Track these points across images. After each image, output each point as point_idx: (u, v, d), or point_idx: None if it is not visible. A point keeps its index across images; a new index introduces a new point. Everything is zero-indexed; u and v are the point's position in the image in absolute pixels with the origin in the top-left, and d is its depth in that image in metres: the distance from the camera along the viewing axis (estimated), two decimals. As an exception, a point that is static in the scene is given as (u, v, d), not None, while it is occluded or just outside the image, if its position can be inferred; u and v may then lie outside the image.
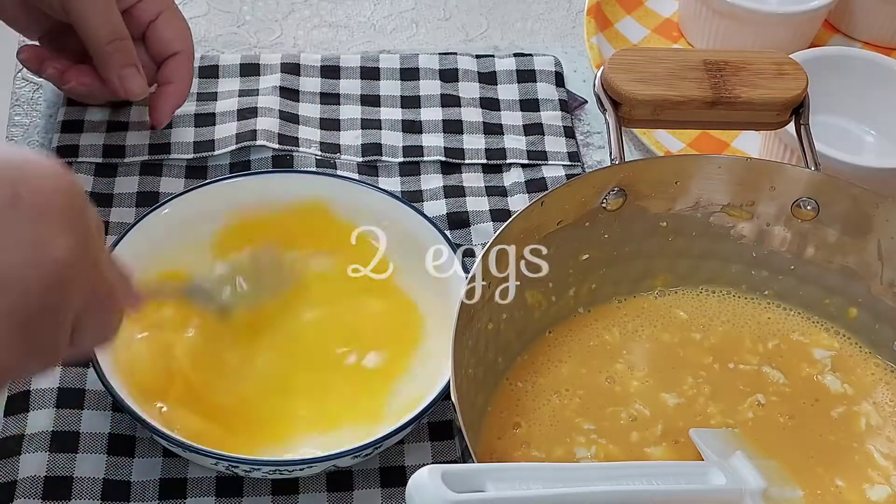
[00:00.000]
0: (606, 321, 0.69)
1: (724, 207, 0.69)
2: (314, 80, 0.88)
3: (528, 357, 0.67)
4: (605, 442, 0.63)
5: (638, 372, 0.67)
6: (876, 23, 0.95)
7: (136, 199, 0.79)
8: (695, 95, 0.67)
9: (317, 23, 0.94)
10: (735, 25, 0.89)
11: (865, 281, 0.68)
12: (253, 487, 0.66)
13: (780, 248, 0.70)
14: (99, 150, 0.81)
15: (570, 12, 0.97)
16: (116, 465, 0.66)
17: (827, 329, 0.70)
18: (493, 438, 0.63)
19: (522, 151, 0.84)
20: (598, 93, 0.68)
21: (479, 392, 0.63)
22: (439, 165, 0.83)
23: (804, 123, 0.68)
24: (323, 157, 0.83)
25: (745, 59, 0.69)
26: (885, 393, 0.67)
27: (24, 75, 0.86)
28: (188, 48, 0.81)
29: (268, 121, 0.83)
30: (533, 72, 0.89)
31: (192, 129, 0.83)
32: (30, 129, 0.84)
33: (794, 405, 0.66)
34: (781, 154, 0.79)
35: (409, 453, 0.68)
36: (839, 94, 0.84)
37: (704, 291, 0.71)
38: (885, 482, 0.63)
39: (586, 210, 0.66)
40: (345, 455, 0.63)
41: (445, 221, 0.79)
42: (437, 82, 0.88)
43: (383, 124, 0.85)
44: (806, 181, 0.67)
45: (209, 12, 0.94)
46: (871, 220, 0.66)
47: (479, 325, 0.62)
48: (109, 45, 0.76)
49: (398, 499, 0.66)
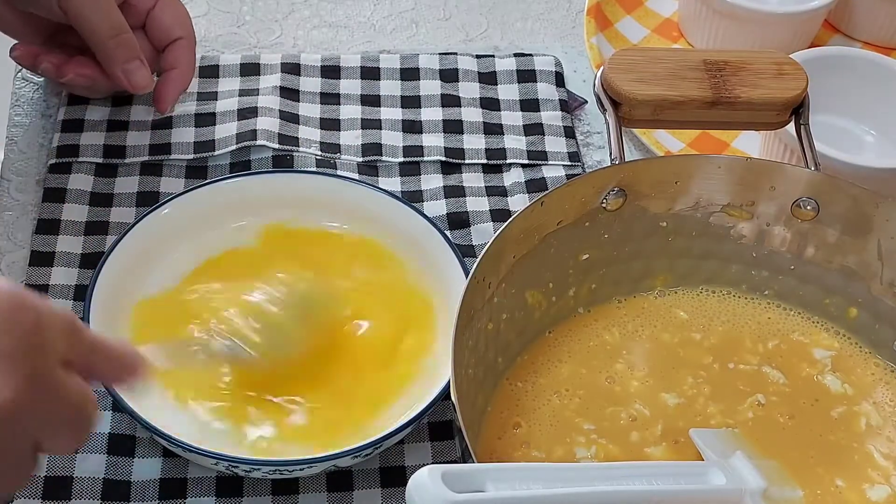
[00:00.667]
0: (606, 321, 0.69)
1: (724, 207, 0.69)
2: (314, 80, 0.88)
3: (528, 357, 0.67)
4: (605, 442, 0.63)
5: (638, 372, 0.67)
6: (876, 23, 0.95)
7: (136, 199, 0.79)
8: (695, 95, 0.67)
9: (317, 23, 0.94)
10: (735, 25, 0.89)
11: (865, 281, 0.68)
12: (253, 487, 0.66)
13: (780, 248, 0.70)
14: (99, 150, 0.81)
15: (570, 12, 0.97)
16: (116, 465, 0.66)
17: (827, 329, 0.70)
18: (493, 438, 0.63)
19: (522, 151, 0.84)
20: (598, 93, 0.68)
21: (479, 392, 0.63)
22: (439, 165, 0.83)
23: (804, 123, 0.68)
24: (323, 157, 0.83)
25: (745, 59, 0.68)
26: (885, 393, 0.67)
27: (24, 75, 0.86)
28: (189, 33, 0.82)
29: (268, 121, 0.83)
30: (533, 72, 0.89)
31: (192, 130, 0.83)
32: (30, 129, 0.84)
33: (794, 405, 0.66)
34: (781, 154, 0.79)
35: (409, 453, 0.68)
36: (839, 94, 0.84)
37: (704, 291, 0.71)
38: (885, 482, 0.63)
39: (586, 210, 0.66)
40: (345, 455, 0.63)
41: (445, 221, 0.79)
42: (437, 82, 0.88)
43: (383, 124, 0.85)
44: (806, 181, 0.67)
45: (209, 12, 0.94)
46: (871, 220, 0.66)
47: (479, 325, 0.62)
48: (112, 41, 0.76)
49: (398, 499, 0.66)
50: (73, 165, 0.80)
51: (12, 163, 0.81)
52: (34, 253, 0.75)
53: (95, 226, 0.77)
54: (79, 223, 0.77)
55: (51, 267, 0.74)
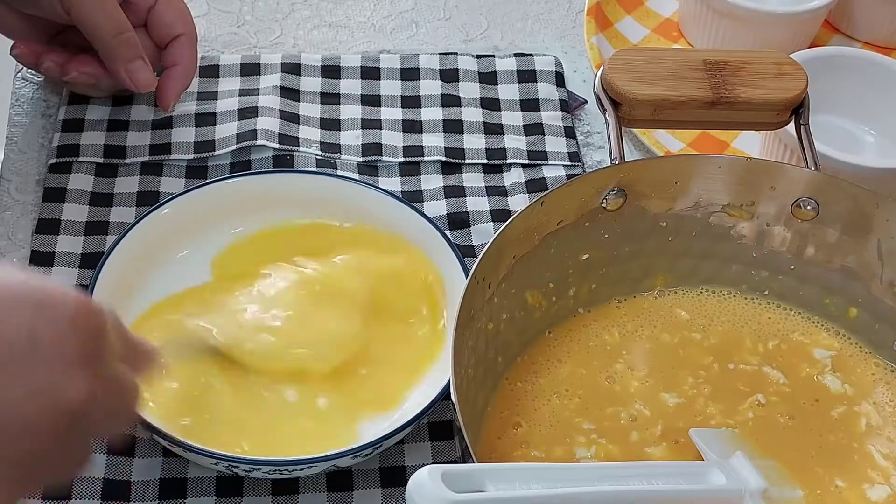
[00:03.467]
0: (606, 321, 0.69)
1: (724, 207, 0.69)
2: (314, 80, 0.88)
3: (527, 357, 0.67)
4: (605, 442, 0.63)
5: (638, 372, 0.67)
6: (876, 23, 0.95)
7: (136, 198, 0.79)
8: (695, 95, 0.67)
9: (317, 23, 0.94)
10: (735, 25, 0.89)
11: (865, 281, 0.68)
12: (253, 487, 0.66)
13: (780, 248, 0.70)
14: (100, 150, 0.81)
15: (570, 12, 0.97)
16: (116, 465, 0.66)
17: (827, 329, 0.70)
18: (493, 438, 0.63)
19: (523, 151, 0.84)
20: (598, 93, 0.68)
21: (479, 392, 0.63)
22: (439, 165, 0.83)
23: (804, 123, 0.68)
24: (323, 156, 0.83)
25: (745, 59, 0.68)
26: (886, 393, 0.67)
27: (24, 75, 0.86)
28: (190, 30, 0.82)
29: (268, 120, 0.83)
30: (533, 72, 0.89)
31: (192, 129, 0.83)
32: (30, 129, 0.84)
33: (794, 405, 0.66)
34: (781, 154, 0.79)
35: (409, 453, 0.68)
36: (839, 94, 0.84)
37: (704, 291, 0.71)
38: (885, 482, 0.63)
39: (586, 210, 0.66)
40: (345, 455, 0.63)
41: (446, 221, 0.79)
42: (437, 82, 0.88)
43: (384, 124, 0.85)
44: (806, 181, 0.67)
45: (209, 12, 0.94)
46: (871, 220, 0.66)
47: (479, 325, 0.62)
48: (115, 40, 0.77)
49: (398, 499, 0.66)
50: (74, 165, 0.80)
51: (12, 163, 0.81)
52: (34, 253, 0.75)
53: (95, 226, 0.77)
54: (79, 223, 0.77)
55: (51, 267, 0.74)
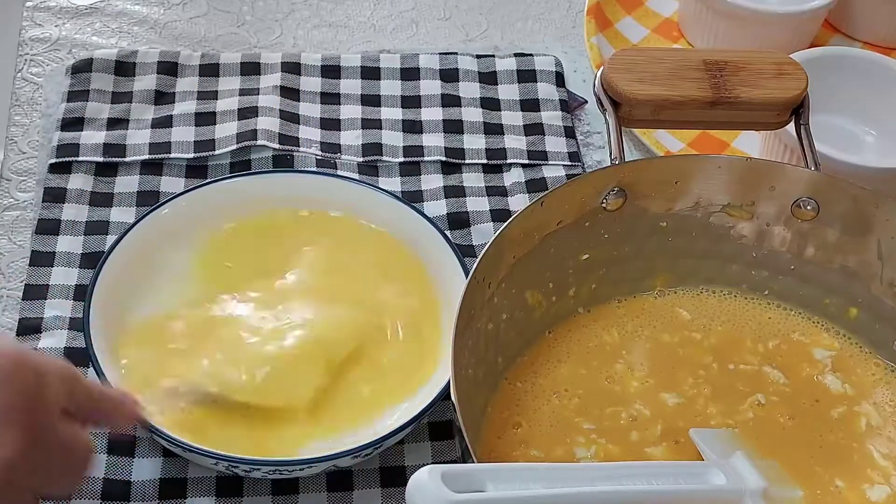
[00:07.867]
0: (606, 321, 0.69)
1: (724, 207, 0.69)
2: (315, 80, 0.88)
3: (527, 357, 0.67)
4: (605, 442, 0.63)
5: (638, 372, 0.67)
6: (876, 23, 0.95)
7: (136, 198, 0.79)
8: (695, 95, 0.67)
9: (317, 23, 0.94)
10: (735, 25, 0.89)
11: (865, 281, 0.68)
12: (253, 487, 0.66)
13: (780, 248, 0.70)
14: (99, 150, 0.81)
15: (570, 12, 0.97)
16: (116, 465, 0.66)
17: (827, 329, 0.70)
18: (493, 438, 0.63)
19: (523, 151, 0.84)
20: (598, 93, 0.68)
21: (479, 392, 0.63)
22: (440, 165, 0.83)
23: (804, 123, 0.68)
24: (323, 156, 0.83)
25: (745, 59, 0.68)
26: (886, 393, 0.67)
27: (24, 75, 0.86)
28: None
29: (268, 120, 0.83)
30: (533, 72, 0.89)
31: (192, 129, 0.83)
32: (30, 128, 0.84)
33: (794, 405, 0.66)
34: (781, 154, 0.79)
35: (409, 453, 0.68)
36: (839, 94, 0.84)
37: (704, 291, 0.71)
38: (885, 482, 0.63)
39: (586, 210, 0.66)
40: (345, 455, 0.63)
41: (446, 221, 0.79)
42: (437, 82, 0.88)
43: (384, 124, 0.85)
44: (806, 181, 0.67)
45: (209, 12, 0.94)
46: (871, 220, 0.66)
47: (479, 325, 0.62)
48: None
49: (398, 499, 0.66)
50: (73, 165, 0.80)
51: (12, 163, 0.81)
52: (34, 253, 0.75)
53: (95, 226, 0.77)
54: (79, 223, 0.77)
55: (51, 267, 0.74)
